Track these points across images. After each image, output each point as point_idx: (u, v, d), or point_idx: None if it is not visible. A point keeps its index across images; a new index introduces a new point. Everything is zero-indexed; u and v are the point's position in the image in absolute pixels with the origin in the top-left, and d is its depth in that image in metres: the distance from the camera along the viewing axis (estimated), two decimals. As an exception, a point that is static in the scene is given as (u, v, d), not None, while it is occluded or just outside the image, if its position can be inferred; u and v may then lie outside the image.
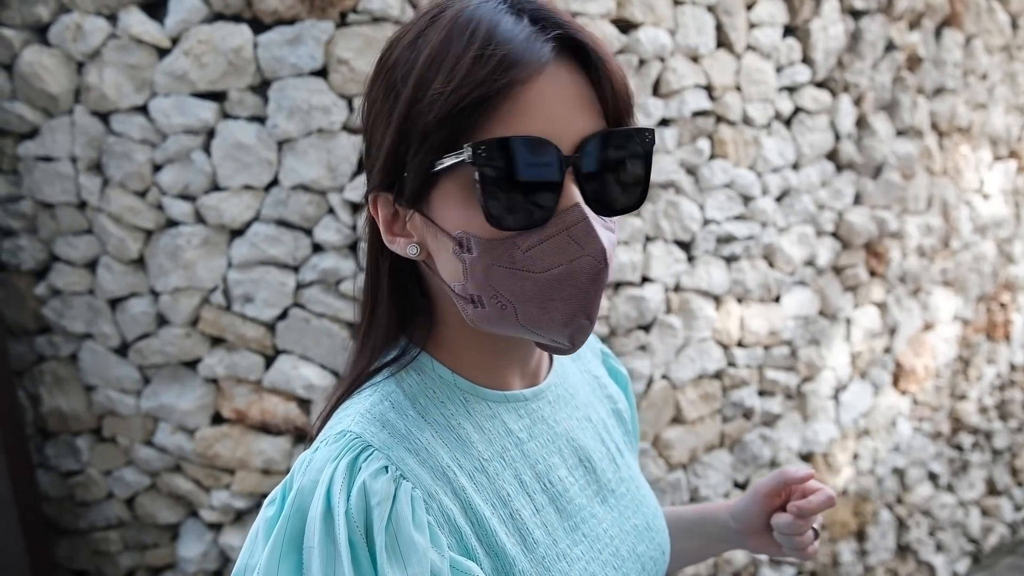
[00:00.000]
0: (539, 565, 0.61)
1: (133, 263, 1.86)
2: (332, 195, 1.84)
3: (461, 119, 0.54)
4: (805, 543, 0.79)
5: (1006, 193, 3.18)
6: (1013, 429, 3.39)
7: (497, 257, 0.56)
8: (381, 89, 0.59)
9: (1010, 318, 3.26)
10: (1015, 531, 3.48)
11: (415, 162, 0.56)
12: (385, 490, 0.55)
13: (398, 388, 0.63)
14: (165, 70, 1.78)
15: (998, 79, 3.06)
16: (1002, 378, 3.31)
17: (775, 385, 2.47)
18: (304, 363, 1.86)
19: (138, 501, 1.92)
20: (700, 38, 2.20)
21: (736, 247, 2.33)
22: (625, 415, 0.83)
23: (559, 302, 0.56)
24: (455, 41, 0.55)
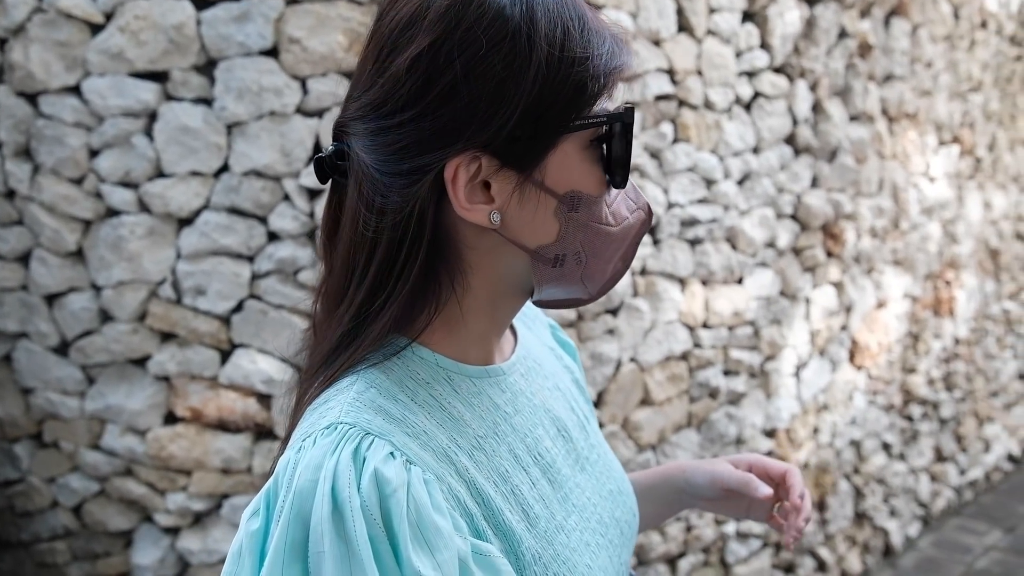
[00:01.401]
0: (543, 540, 0.55)
1: (71, 256, 1.57)
2: (287, 181, 1.57)
3: (608, 80, 0.52)
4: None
5: (949, 176, 3.04)
6: (958, 399, 3.28)
7: (594, 214, 0.55)
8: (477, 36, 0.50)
9: (954, 295, 3.12)
10: (960, 494, 3.38)
11: (553, 119, 0.51)
12: (399, 476, 0.47)
13: (381, 374, 0.53)
14: (99, 48, 1.49)
15: (942, 67, 2.90)
16: (947, 351, 3.19)
17: (739, 364, 2.29)
18: (262, 357, 1.59)
19: (86, 509, 1.63)
20: (661, 22, 1.98)
21: (700, 230, 2.13)
22: (583, 384, 0.77)
23: (616, 252, 0.57)
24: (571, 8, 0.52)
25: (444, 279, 0.55)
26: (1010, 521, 3.23)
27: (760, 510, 0.76)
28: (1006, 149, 3.35)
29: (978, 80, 3.10)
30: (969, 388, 3.34)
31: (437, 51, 0.50)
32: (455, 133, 0.50)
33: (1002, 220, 3.40)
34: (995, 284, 3.43)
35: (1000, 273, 3.45)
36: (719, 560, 2.35)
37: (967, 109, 3.07)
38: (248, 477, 1.61)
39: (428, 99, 0.50)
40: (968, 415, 3.35)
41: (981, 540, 3.12)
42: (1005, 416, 3.60)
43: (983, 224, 3.28)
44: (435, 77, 0.50)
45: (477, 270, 0.56)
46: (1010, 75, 3.31)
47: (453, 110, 0.50)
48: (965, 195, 3.13)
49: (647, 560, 2.15)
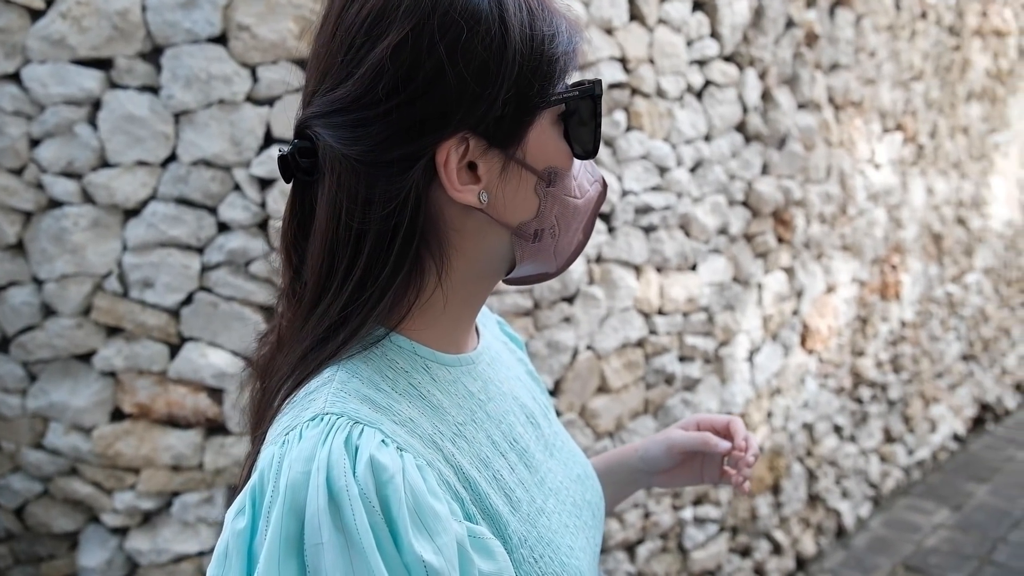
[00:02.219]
0: (526, 523, 0.58)
1: (11, 249, 1.59)
2: (237, 170, 1.63)
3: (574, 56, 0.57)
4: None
5: (894, 163, 3.25)
6: (905, 381, 3.51)
7: (565, 186, 0.60)
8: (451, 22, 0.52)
9: (900, 279, 3.35)
10: (909, 474, 3.62)
11: (535, 96, 0.55)
12: (394, 462, 0.48)
13: (362, 363, 0.55)
14: (39, 34, 1.52)
15: (885, 56, 3.11)
16: (894, 334, 3.41)
17: (694, 350, 2.43)
18: (213, 350, 1.64)
19: (29, 510, 1.66)
20: (613, 10, 2.10)
21: (654, 217, 2.26)
22: (535, 375, 0.82)
23: (578, 224, 0.62)
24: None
25: (428, 265, 0.57)
26: (957, 499, 3.49)
27: (713, 469, 0.81)
28: (947, 136, 3.60)
29: (919, 69, 3.33)
30: (915, 370, 3.59)
31: (419, 37, 0.52)
32: (444, 117, 0.53)
33: (944, 205, 3.66)
34: (938, 268, 3.69)
35: (943, 257, 3.71)
36: (677, 546, 2.49)
37: (909, 97, 3.30)
38: (199, 474, 1.66)
39: (414, 86, 0.52)
40: (915, 396, 3.60)
41: (929, 519, 3.36)
42: (950, 397, 3.87)
43: (926, 209, 3.53)
44: (419, 63, 0.52)
45: (461, 252, 0.58)
46: (949, 64, 3.56)
47: (440, 95, 0.53)
48: (909, 181, 3.37)
49: (606, 547, 2.27)
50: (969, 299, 4.00)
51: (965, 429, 4.03)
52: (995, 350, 4.34)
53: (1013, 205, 4.33)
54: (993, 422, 4.29)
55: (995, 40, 3.92)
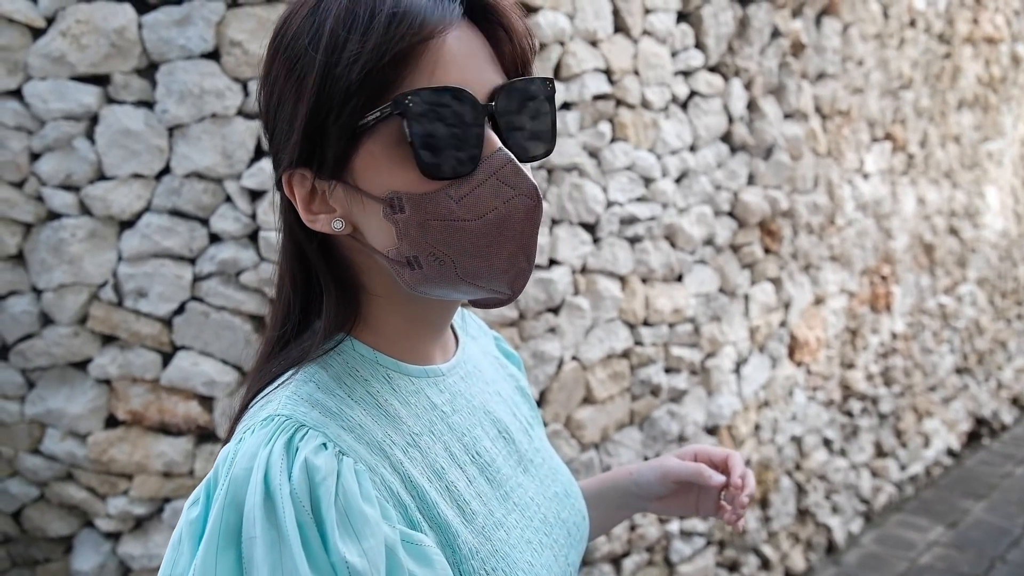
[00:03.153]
0: (480, 535, 0.63)
1: (11, 259, 1.78)
2: (229, 183, 1.83)
3: (385, 74, 0.57)
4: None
5: (883, 172, 3.49)
6: (896, 394, 3.73)
7: (431, 211, 0.59)
8: (283, 64, 0.60)
9: (890, 290, 3.57)
10: (901, 490, 3.84)
11: (337, 126, 0.58)
12: (328, 465, 0.55)
13: (321, 369, 0.63)
14: (40, 52, 1.72)
15: (873, 65, 3.35)
16: (885, 346, 3.63)
17: (680, 362, 2.63)
18: (204, 359, 1.84)
19: (26, 514, 1.85)
20: (598, 22, 2.31)
21: (639, 228, 2.47)
22: (527, 392, 0.88)
23: (497, 247, 0.59)
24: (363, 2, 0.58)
25: (353, 281, 0.66)
26: (952, 516, 3.68)
27: (709, 502, 0.86)
28: (937, 145, 3.86)
29: (908, 77, 3.59)
30: (907, 383, 3.82)
31: (263, 82, 0.63)
32: (278, 153, 0.63)
33: (935, 215, 3.91)
34: (930, 279, 3.93)
35: (935, 268, 3.96)
36: (663, 559, 2.69)
37: (899, 106, 3.56)
38: (190, 480, 1.85)
39: (268, 131, 0.64)
40: (907, 410, 3.83)
41: (924, 536, 3.54)
42: (943, 410, 4.11)
43: (917, 219, 3.77)
44: (266, 111, 0.63)
45: (366, 273, 0.65)
46: (939, 72, 3.83)
47: (274, 133, 0.63)
48: (899, 191, 3.62)
49: (591, 560, 2.46)
50: (963, 311, 4.24)
51: (960, 444, 4.26)
52: (990, 363, 4.60)
53: (1007, 214, 4.61)
54: (989, 437, 4.53)
55: (987, 47, 4.19)
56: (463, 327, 0.81)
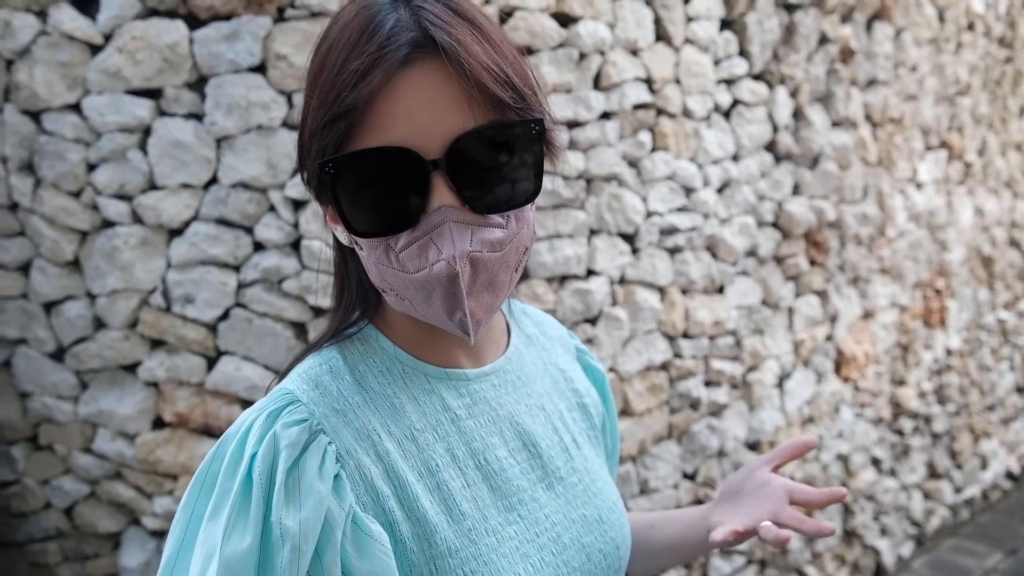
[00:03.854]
0: (464, 537, 0.66)
1: (68, 265, 1.93)
2: (273, 192, 1.95)
3: (327, 133, 0.62)
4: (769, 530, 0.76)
5: (938, 182, 3.48)
6: (951, 413, 3.69)
7: (379, 256, 0.65)
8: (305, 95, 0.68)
9: (945, 304, 3.55)
10: (956, 513, 3.79)
11: (309, 166, 0.66)
12: (296, 438, 0.62)
13: (339, 355, 0.71)
14: (98, 67, 1.86)
15: (927, 71, 3.35)
16: (939, 363, 3.60)
17: (721, 375, 2.67)
18: (247, 364, 1.96)
19: (77, 510, 2.00)
20: (639, 31, 2.38)
21: (679, 238, 2.52)
22: (593, 410, 0.87)
23: (436, 300, 0.63)
24: (332, 52, 0.63)
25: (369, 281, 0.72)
26: (1012, 543, 3.61)
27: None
28: (997, 153, 3.82)
29: (966, 83, 3.57)
30: (963, 401, 3.78)
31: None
32: None
33: (995, 227, 3.86)
34: (989, 293, 3.89)
35: (994, 281, 3.91)
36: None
37: (955, 113, 3.54)
38: (232, 483, 1.98)
39: None
40: (963, 430, 3.79)
41: (981, 562, 3.48)
42: (1003, 431, 4.05)
43: (975, 231, 3.74)
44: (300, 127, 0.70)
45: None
46: (999, 77, 3.79)
47: None
48: (955, 201, 3.59)
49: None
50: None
51: (1021, 467, 4.19)
52: (1058, 382, 4.51)
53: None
54: (1056, 461, 4.44)
55: (1053, 50, 4.13)
56: (523, 335, 0.83)
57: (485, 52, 0.61)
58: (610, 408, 0.92)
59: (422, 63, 0.60)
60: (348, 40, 0.61)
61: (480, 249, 0.61)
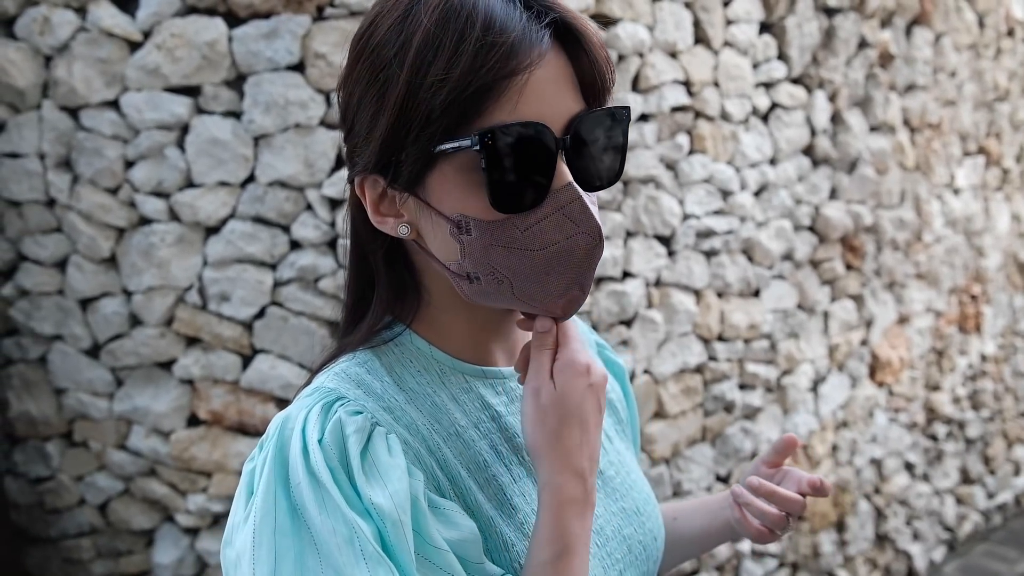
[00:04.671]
0: (518, 531, 0.62)
1: (104, 262, 1.79)
2: (310, 191, 1.79)
3: (467, 105, 0.55)
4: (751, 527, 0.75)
5: (975, 188, 3.22)
6: (985, 419, 3.43)
7: (497, 238, 0.58)
8: (366, 70, 0.59)
9: (980, 310, 3.29)
10: (988, 519, 3.52)
11: (416, 146, 0.57)
12: (361, 424, 0.57)
13: (375, 357, 0.65)
14: (137, 64, 1.71)
15: (966, 76, 3.09)
16: (974, 369, 3.35)
17: (755, 378, 2.47)
18: (282, 362, 1.80)
19: (111, 507, 1.85)
20: (678, 33, 2.19)
21: (716, 241, 2.32)
22: (618, 404, 0.84)
23: (555, 276, 0.59)
24: (451, 24, 0.55)
25: (415, 281, 0.66)
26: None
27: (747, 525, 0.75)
28: (1035, 160, 3.53)
29: (1005, 89, 3.29)
30: (997, 407, 3.50)
31: (344, 81, 0.62)
32: (354, 156, 0.62)
33: (1032, 233, 3.58)
34: (1025, 300, 3.60)
35: (1031, 288, 3.63)
36: (733, 579, 2.52)
37: (993, 119, 3.26)
38: (266, 481, 1.81)
39: (344, 128, 0.63)
40: (996, 435, 3.51)
41: (1013, 568, 3.24)
42: (1036, 438, 3.75)
43: (1012, 237, 3.46)
44: (344, 109, 0.62)
45: (427, 275, 0.66)
46: (1039, 84, 3.51)
47: (349, 133, 0.62)
48: (992, 207, 3.32)
49: (659, 576, 2.32)
50: (1060, 333, 3.88)
51: (1054, 473, 3.89)
52: (1090, 389, 4.19)
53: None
54: (1087, 467, 4.12)
55: (1092, 57, 3.83)
56: None
57: (601, 42, 0.60)
58: (630, 402, 0.88)
59: (555, 48, 0.58)
60: (479, 14, 0.55)
61: None
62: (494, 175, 0.56)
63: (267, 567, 0.53)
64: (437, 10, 0.56)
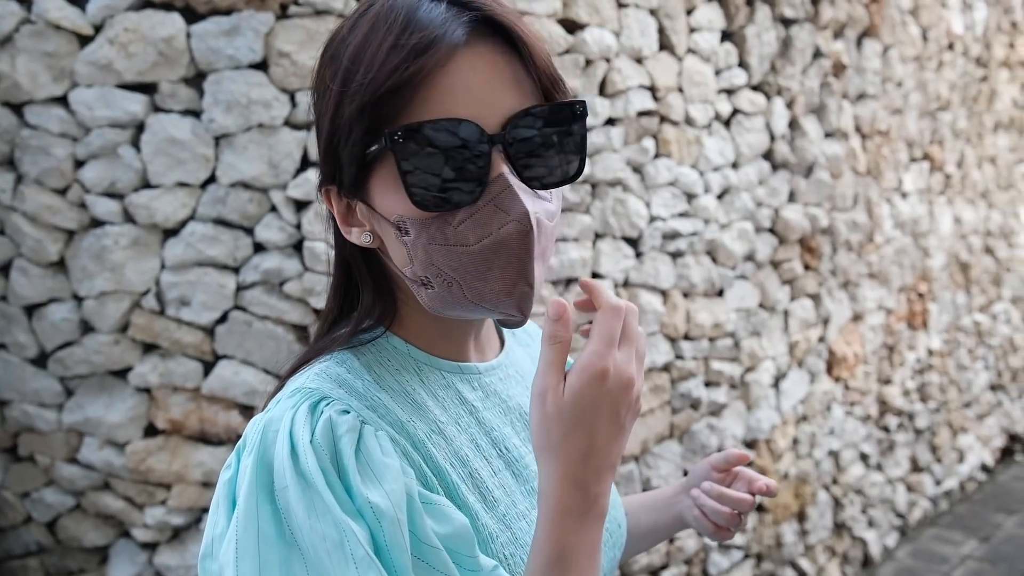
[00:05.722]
0: (500, 522, 0.59)
1: (52, 266, 1.56)
2: (274, 192, 1.59)
3: (379, 108, 0.53)
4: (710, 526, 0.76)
5: (921, 192, 3.14)
6: (932, 410, 3.37)
7: (432, 235, 0.54)
8: (321, 83, 0.58)
9: (927, 307, 3.21)
10: (936, 504, 3.45)
11: (346, 153, 0.55)
12: (351, 423, 0.53)
13: (353, 357, 0.60)
14: (87, 59, 1.50)
15: (912, 87, 3.01)
16: (921, 363, 3.27)
17: (720, 376, 2.33)
18: (246, 368, 1.59)
19: (61, 524, 1.61)
20: (644, 40, 2.04)
21: (681, 243, 2.18)
22: None
23: (497, 271, 0.54)
24: (375, 32, 0.54)
25: (390, 284, 0.62)
26: (985, 531, 3.30)
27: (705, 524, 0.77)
28: (974, 166, 3.47)
29: (946, 99, 3.22)
30: (943, 399, 3.43)
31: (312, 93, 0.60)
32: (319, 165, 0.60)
33: (971, 234, 3.52)
34: (966, 297, 3.54)
35: (971, 286, 3.56)
36: (701, 572, 2.38)
37: (936, 127, 3.19)
38: (231, 490, 1.60)
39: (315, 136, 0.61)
40: (942, 426, 3.44)
41: (957, 550, 3.18)
42: (978, 427, 3.69)
43: (954, 238, 3.39)
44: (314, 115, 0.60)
45: (398, 279, 0.61)
46: (976, 95, 3.44)
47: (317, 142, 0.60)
48: (936, 210, 3.24)
49: (630, 572, 2.17)
50: (997, 328, 3.83)
51: (993, 460, 3.84)
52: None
53: (1040, 235, 4.15)
54: (1022, 453, 4.08)
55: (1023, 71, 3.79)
56: (512, 333, 0.75)
57: (537, 39, 0.56)
58: None
59: (481, 42, 0.54)
60: (397, 20, 0.53)
61: (540, 213, 0.55)
62: (409, 173, 0.52)
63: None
64: (369, 20, 0.55)
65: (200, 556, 0.52)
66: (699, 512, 0.77)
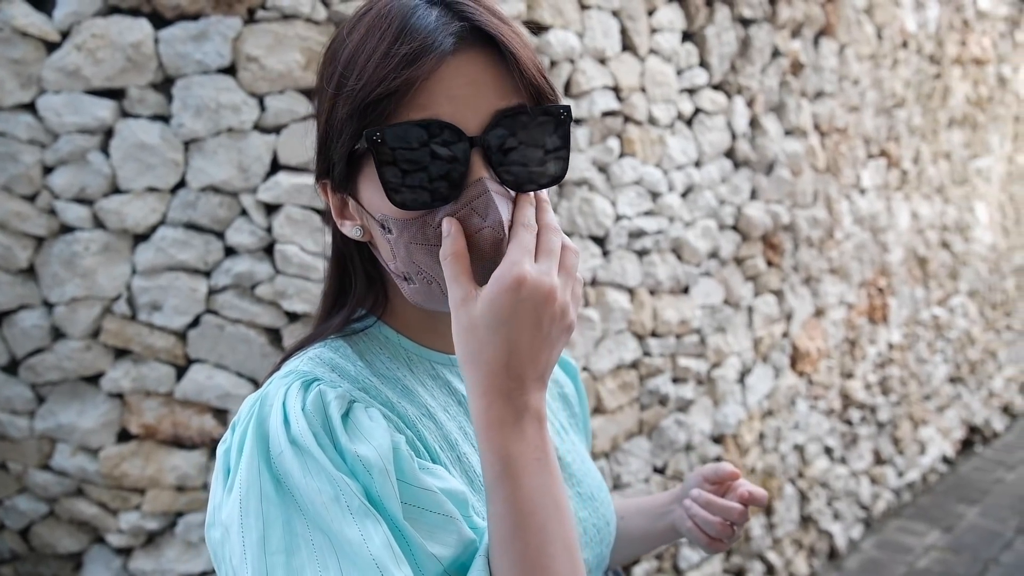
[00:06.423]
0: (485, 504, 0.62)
1: (22, 273, 1.65)
2: (244, 196, 1.70)
3: (367, 113, 0.58)
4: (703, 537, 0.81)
5: (879, 188, 3.37)
6: (893, 403, 3.60)
7: (413, 235, 0.59)
8: (320, 83, 0.64)
9: (887, 302, 3.45)
10: (899, 496, 3.69)
11: (337, 152, 0.61)
12: (341, 395, 0.59)
13: (346, 344, 0.66)
14: (55, 65, 1.60)
15: (868, 84, 3.24)
16: (882, 356, 3.50)
17: (687, 372, 2.51)
18: (219, 372, 1.71)
19: (34, 531, 1.71)
20: (607, 41, 2.21)
21: (647, 241, 2.35)
22: (572, 399, 0.86)
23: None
24: (370, 37, 0.59)
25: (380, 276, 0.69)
26: (947, 521, 3.57)
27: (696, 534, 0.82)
28: (929, 162, 3.75)
29: (901, 97, 3.48)
30: (903, 392, 3.69)
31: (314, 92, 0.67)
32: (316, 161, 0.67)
33: (928, 229, 3.79)
34: (924, 291, 3.81)
35: (928, 280, 3.84)
36: (672, 566, 2.55)
37: (892, 124, 3.44)
38: (203, 494, 1.71)
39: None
40: (903, 418, 3.69)
41: (921, 540, 3.42)
42: (938, 419, 3.97)
43: (911, 233, 3.65)
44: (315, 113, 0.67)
45: (388, 272, 0.67)
46: (930, 92, 3.72)
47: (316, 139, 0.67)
48: (894, 206, 3.49)
49: (602, 568, 2.32)
50: (955, 322, 4.12)
51: (954, 451, 4.12)
52: (982, 372, 4.46)
53: (996, 229, 4.48)
54: (982, 444, 4.39)
55: (974, 68, 4.09)
56: None
57: (523, 45, 0.60)
58: (582, 399, 0.90)
59: (467, 51, 0.58)
60: (391, 28, 0.58)
61: None
62: (387, 172, 0.57)
63: (256, 533, 0.53)
64: (364, 25, 0.60)
65: (206, 526, 0.58)
66: (691, 523, 0.80)
